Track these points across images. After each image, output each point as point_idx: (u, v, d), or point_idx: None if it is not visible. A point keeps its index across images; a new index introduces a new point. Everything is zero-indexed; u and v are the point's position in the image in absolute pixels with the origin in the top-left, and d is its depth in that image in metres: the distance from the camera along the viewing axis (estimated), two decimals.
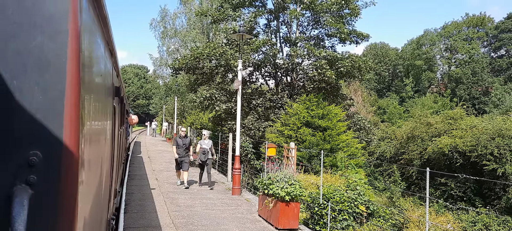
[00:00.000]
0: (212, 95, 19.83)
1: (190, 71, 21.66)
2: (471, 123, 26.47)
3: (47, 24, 1.37)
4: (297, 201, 9.10)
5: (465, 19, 73.44)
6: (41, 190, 1.32)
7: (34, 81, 1.34)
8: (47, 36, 1.37)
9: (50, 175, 1.34)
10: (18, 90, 1.32)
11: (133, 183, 14.19)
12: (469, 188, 24.75)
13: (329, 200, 9.73)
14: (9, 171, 1.30)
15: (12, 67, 1.32)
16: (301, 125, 17.14)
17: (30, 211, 1.28)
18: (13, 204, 1.26)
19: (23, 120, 1.32)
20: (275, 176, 9.48)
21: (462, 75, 64.07)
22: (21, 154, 1.32)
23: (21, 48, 1.34)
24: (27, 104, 1.33)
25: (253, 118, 19.76)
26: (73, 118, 1.40)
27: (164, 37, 41.52)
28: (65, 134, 1.37)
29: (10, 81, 1.31)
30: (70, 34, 1.40)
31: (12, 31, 1.33)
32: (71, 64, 1.40)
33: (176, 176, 14.48)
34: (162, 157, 23.14)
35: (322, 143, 16.71)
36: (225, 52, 19.41)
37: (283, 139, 17.50)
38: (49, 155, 1.34)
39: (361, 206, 9.59)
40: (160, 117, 58.51)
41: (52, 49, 1.37)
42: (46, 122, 1.34)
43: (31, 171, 1.31)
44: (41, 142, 1.34)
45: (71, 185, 1.42)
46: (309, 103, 17.83)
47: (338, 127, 17.33)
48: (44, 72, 1.35)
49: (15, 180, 1.30)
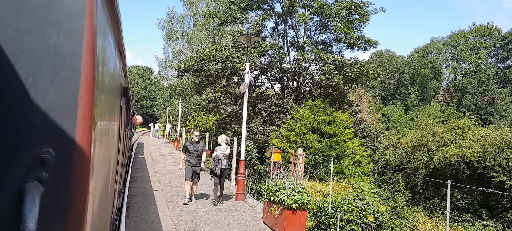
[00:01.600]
0: (218, 98, 19.58)
1: (196, 74, 21.44)
2: (479, 133, 26.09)
3: (65, 22, 1.37)
4: (304, 209, 8.81)
5: (472, 28, 73.08)
6: (53, 188, 1.33)
7: (49, 79, 1.34)
8: (64, 34, 1.36)
9: (62, 173, 1.34)
10: (33, 88, 1.32)
11: (135, 185, 13.94)
12: (475, 200, 24.39)
13: (337, 209, 9.44)
14: (21, 167, 1.30)
15: (28, 64, 1.32)
16: (307, 131, 16.86)
17: (41, 208, 1.28)
18: (25, 200, 1.26)
19: (37, 117, 1.32)
20: (281, 183, 9.20)
21: (468, 85, 63.58)
22: (33, 151, 1.32)
23: (37, 45, 1.33)
24: (41, 102, 1.33)
25: (258, 122, 19.50)
26: (86, 116, 1.41)
27: (170, 38, 41.36)
28: (78, 133, 1.37)
29: (26, 78, 1.31)
30: (86, 32, 1.40)
31: (28, 27, 1.32)
32: (86, 62, 1.40)
33: (184, 188, 11.97)
34: (165, 159, 22.90)
35: (328, 150, 16.42)
36: (231, 55, 19.17)
37: (288, 144, 17.23)
38: (61, 153, 1.35)
39: (369, 217, 9.28)
40: (163, 119, 58.31)
41: (68, 47, 1.37)
42: (59, 120, 1.34)
43: (43, 168, 1.31)
44: (54, 139, 1.34)
45: (82, 183, 1.42)
46: (316, 108, 17.55)
47: (344, 134, 17.04)
48: (59, 70, 1.35)
49: (27, 177, 1.30)
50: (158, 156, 24.55)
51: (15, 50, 1.31)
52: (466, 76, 66.30)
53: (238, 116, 20.53)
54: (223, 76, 20.85)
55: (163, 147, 33.93)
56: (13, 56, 1.30)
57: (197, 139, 11.60)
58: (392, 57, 78.43)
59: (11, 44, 1.31)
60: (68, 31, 1.37)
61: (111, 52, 2.41)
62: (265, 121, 19.48)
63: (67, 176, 1.35)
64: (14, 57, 1.31)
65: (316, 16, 20.93)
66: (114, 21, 2.39)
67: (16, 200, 1.28)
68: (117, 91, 3.44)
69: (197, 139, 11.60)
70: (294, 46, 21.58)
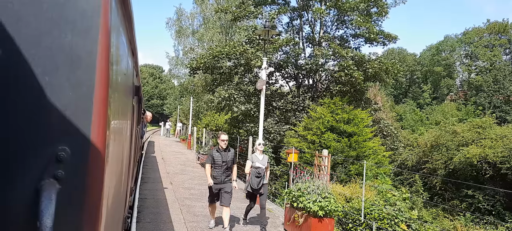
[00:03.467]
0: (231, 96, 18.84)
1: (208, 71, 20.71)
2: (502, 132, 25.05)
3: (79, 20, 1.37)
4: (332, 217, 8.05)
5: (486, 25, 71.55)
6: (69, 185, 1.33)
7: (65, 78, 1.34)
8: (79, 32, 1.36)
9: (78, 171, 1.35)
10: (49, 86, 1.32)
11: (147, 187, 13.29)
12: (498, 202, 23.41)
13: (366, 216, 8.67)
14: (38, 165, 1.30)
15: (44, 64, 1.32)
16: (325, 130, 16.05)
17: (58, 205, 1.28)
18: (41, 197, 1.27)
19: (53, 115, 1.33)
20: (305, 187, 8.44)
21: (483, 83, 62.20)
22: (50, 149, 1.32)
23: (53, 44, 1.33)
24: (57, 100, 1.33)
25: (272, 121, 18.70)
26: (101, 114, 1.41)
27: (180, 36, 40.69)
28: (93, 131, 1.37)
29: (42, 77, 1.31)
30: (101, 31, 1.40)
31: (46, 27, 1.32)
32: (101, 61, 1.40)
33: (209, 212, 9.09)
34: (177, 159, 22.25)
35: (347, 150, 15.61)
36: (246, 50, 18.39)
37: (305, 144, 16.46)
38: (77, 150, 1.35)
39: (402, 224, 8.50)
40: (174, 117, 57.71)
41: (83, 46, 1.37)
42: (75, 118, 1.35)
43: (59, 166, 1.32)
44: (70, 137, 1.34)
45: (97, 181, 1.42)
46: (334, 106, 16.72)
47: (364, 133, 16.19)
48: (75, 69, 1.36)
49: (43, 174, 1.30)
50: (170, 156, 23.93)
51: (32, 50, 1.30)
52: (481, 74, 64.91)
53: (252, 114, 19.79)
54: (236, 73, 20.05)
55: (174, 146, 33.36)
56: (30, 55, 1.30)
57: (225, 145, 8.34)
58: (404, 55, 77.18)
59: (29, 44, 1.30)
60: (83, 30, 1.36)
61: (124, 51, 2.39)
62: (280, 119, 18.64)
63: (82, 174, 1.36)
64: (31, 56, 1.30)
65: (333, 10, 20.06)
66: (127, 20, 2.40)
67: (33, 197, 1.28)
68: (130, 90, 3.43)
69: (225, 145, 8.34)
70: (310, 42, 20.73)
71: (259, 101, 20.11)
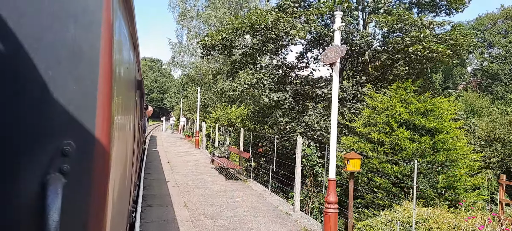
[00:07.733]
0: (260, 81, 14.31)
1: (226, 51, 16.15)
2: None
3: (82, 14, 1.33)
4: None
5: (500, 11, 67.26)
6: (74, 179, 1.30)
7: (68, 72, 1.31)
8: (81, 26, 1.33)
9: (83, 165, 1.32)
10: (52, 81, 1.29)
11: (151, 215, 8.86)
12: None
13: None
14: (43, 159, 1.27)
15: (47, 58, 1.28)
16: (397, 126, 11.52)
17: (64, 199, 1.25)
18: (48, 192, 1.23)
19: (57, 110, 1.30)
20: None
21: (499, 71, 58.27)
22: (55, 143, 1.28)
23: (56, 38, 1.30)
24: (61, 95, 1.30)
25: (317, 114, 14.15)
26: (105, 108, 1.38)
27: (184, 19, 35.97)
28: (97, 124, 1.34)
29: (45, 71, 1.28)
30: (103, 24, 1.37)
31: (48, 22, 1.29)
32: (104, 55, 1.37)
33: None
34: (186, 162, 17.79)
35: (429, 153, 11.12)
36: (280, 19, 13.72)
37: (368, 145, 11.98)
38: (82, 144, 1.31)
39: None
40: (176, 112, 52.95)
41: (86, 39, 1.34)
42: (79, 112, 1.32)
43: (64, 160, 1.28)
44: (74, 131, 1.31)
45: (103, 175, 1.39)
46: (405, 93, 12.19)
47: (450, 129, 11.67)
48: (78, 63, 1.32)
49: (49, 168, 1.27)
50: (176, 157, 19.48)
51: (34, 44, 1.26)
52: (496, 61, 60.92)
53: (284, 105, 15.27)
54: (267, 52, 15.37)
55: (179, 144, 28.89)
56: (33, 50, 1.26)
57: None
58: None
59: (31, 38, 1.26)
60: (86, 23, 1.33)
61: (126, 45, 2.34)
62: (324, 113, 14.09)
63: (88, 168, 1.33)
64: (34, 51, 1.26)
65: None
66: (128, 14, 2.36)
67: (39, 192, 1.24)
68: (132, 84, 3.34)
69: None
70: (364, 10, 15.93)
71: (295, 88, 15.70)
